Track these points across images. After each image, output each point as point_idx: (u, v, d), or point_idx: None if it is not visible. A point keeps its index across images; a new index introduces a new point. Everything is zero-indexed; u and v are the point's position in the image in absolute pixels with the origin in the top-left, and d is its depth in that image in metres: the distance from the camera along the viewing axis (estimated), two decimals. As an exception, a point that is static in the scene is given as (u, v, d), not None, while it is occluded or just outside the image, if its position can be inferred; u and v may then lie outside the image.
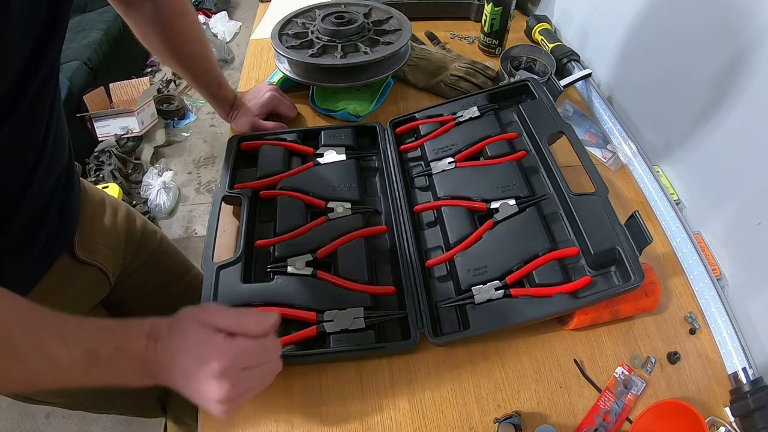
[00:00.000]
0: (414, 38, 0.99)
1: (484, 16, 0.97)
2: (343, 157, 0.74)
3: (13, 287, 0.54)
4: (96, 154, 1.95)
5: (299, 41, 0.83)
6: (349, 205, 0.68)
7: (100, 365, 0.38)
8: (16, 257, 0.52)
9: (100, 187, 1.75)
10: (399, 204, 0.68)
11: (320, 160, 0.74)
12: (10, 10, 0.38)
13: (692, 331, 0.61)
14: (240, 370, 0.40)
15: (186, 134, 2.27)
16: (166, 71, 2.57)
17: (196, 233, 1.88)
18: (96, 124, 2.01)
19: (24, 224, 0.51)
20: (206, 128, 2.32)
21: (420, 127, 0.77)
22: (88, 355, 0.38)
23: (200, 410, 0.53)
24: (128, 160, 2.00)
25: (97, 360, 0.38)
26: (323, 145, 0.75)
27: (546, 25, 1.03)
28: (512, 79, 0.85)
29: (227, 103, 0.80)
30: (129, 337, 0.40)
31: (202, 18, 2.87)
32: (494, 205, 0.65)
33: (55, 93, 0.51)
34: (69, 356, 0.37)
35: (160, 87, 2.40)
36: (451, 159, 0.72)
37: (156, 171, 1.97)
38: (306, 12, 0.90)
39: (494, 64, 0.96)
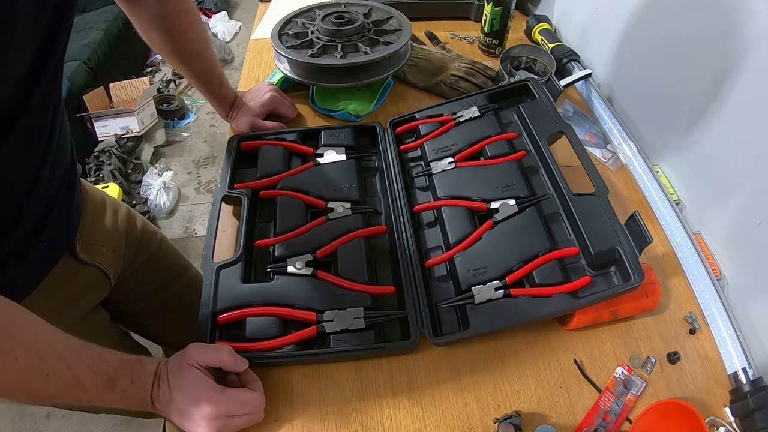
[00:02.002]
0: (414, 38, 0.99)
1: (484, 16, 0.97)
2: (343, 157, 0.74)
3: (16, 287, 0.54)
4: (96, 154, 1.95)
5: (299, 41, 0.83)
6: (349, 205, 0.68)
7: (115, 393, 0.44)
8: (20, 258, 0.53)
9: (100, 187, 1.75)
10: (399, 204, 0.68)
11: (320, 160, 0.74)
12: (19, 6, 0.38)
13: (692, 331, 0.61)
14: (226, 416, 0.47)
15: (186, 134, 2.27)
16: (166, 71, 2.57)
17: (196, 233, 1.88)
18: (96, 124, 2.01)
19: (28, 225, 0.52)
20: (206, 128, 2.32)
21: (420, 127, 0.77)
22: (108, 383, 0.44)
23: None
24: (128, 160, 2.00)
25: (114, 388, 0.44)
26: (323, 145, 0.75)
27: (546, 25, 1.03)
28: (512, 79, 0.85)
29: (227, 102, 0.81)
30: (142, 375, 0.47)
31: (202, 18, 2.87)
32: (494, 205, 0.65)
33: (59, 95, 0.52)
34: (92, 380, 0.43)
35: (160, 87, 2.40)
36: (451, 159, 0.72)
37: (156, 171, 1.97)
38: (306, 12, 0.90)
39: (494, 64, 0.96)
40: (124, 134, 2.01)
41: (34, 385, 0.40)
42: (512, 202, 0.64)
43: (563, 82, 0.85)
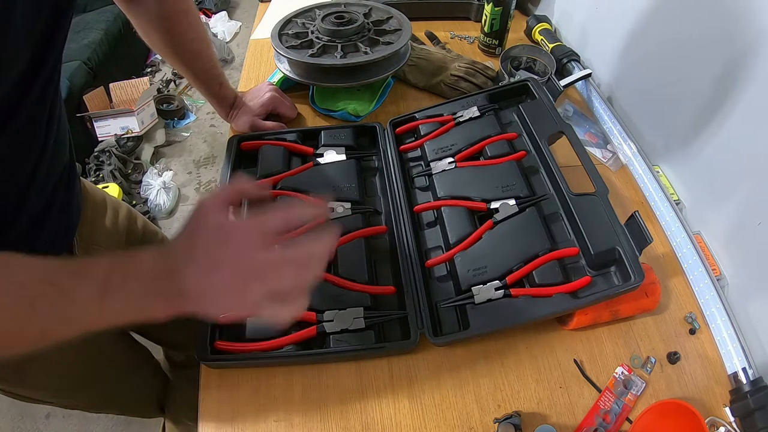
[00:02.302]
0: (414, 38, 0.99)
1: (484, 16, 0.97)
2: (343, 157, 0.74)
3: None
4: (96, 154, 1.95)
5: (299, 41, 0.83)
6: (349, 205, 0.68)
7: (113, 294, 0.37)
8: None
9: (100, 187, 1.75)
10: (399, 204, 0.68)
11: (320, 160, 0.74)
12: (17, 5, 0.38)
13: (692, 331, 0.61)
14: (261, 248, 0.37)
15: (186, 134, 2.27)
16: (166, 71, 2.57)
17: (196, 233, 1.88)
18: (96, 124, 2.01)
19: (26, 224, 0.51)
20: (206, 128, 2.32)
21: (420, 127, 0.77)
22: (101, 287, 0.36)
23: (200, 409, 0.54)
24: (128, 160, 2.00)
25: (110, 289, 0.36)
26: (323, 145, 0.75)
27: (546, 25, 1.03)
28: (512, 79, 0.85)
29: (227, 102, 0.81)
30: (136, 257, 0.38)
31: (202, 18, 2.87)
32: (494, 205, 0.65)
33: (56, 92, 0.51)
34: (83, 291, 0.36)
35: (160, 87, 2.40)
36: (451, 159, 0.72)
37: (156, 171, 1.97)
38: (306, 12, 0.90)
39: (494, 64, 0.96)
40: (124, 134, 2.01)
41: (22, 322, 0.35)
42: (512, 202, 0.64)
43: (563, 82, 0.85)
